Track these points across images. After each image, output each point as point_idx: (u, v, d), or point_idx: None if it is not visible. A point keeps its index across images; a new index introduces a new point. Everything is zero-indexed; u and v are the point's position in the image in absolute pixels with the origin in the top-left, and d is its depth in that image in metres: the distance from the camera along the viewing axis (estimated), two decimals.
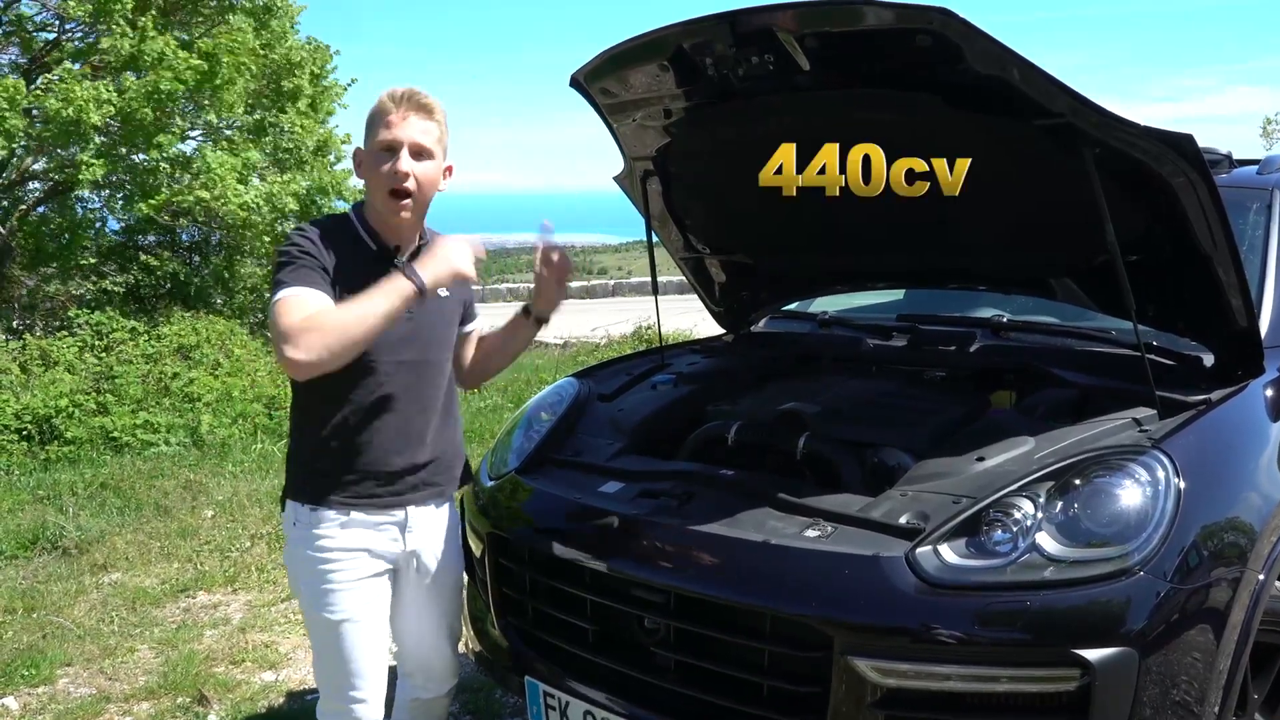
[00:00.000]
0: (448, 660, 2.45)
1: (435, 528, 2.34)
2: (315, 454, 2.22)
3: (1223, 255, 2.21)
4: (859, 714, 1.87)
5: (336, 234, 2.17)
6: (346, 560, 2.19)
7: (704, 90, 2.55)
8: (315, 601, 2.21)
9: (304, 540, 2.21)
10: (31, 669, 3.68)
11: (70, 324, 8.82)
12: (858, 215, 2.52)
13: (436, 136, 2.16)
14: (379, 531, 2.23)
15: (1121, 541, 1.85)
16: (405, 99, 2.13)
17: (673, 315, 5.06)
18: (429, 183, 2.16)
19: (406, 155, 2.11)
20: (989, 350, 2.82)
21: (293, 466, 2.30)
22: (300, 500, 2.22)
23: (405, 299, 2.02)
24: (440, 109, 2.18)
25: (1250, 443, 2.21)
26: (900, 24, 2.10)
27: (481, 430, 7.00)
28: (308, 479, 2.23)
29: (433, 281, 2.06)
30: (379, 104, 2.16)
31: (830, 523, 2.07)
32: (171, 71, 9.47)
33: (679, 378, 3.05)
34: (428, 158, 2.15)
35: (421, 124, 2.13)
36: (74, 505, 5.57)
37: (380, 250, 2.19)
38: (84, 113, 9.07)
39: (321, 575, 2.19)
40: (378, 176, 2.13)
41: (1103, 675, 1.75)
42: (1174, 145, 2.07)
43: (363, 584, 2.21)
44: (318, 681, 2.31)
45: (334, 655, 2.22)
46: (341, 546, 2.19)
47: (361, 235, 2.20)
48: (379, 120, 2.13)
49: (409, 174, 2.11)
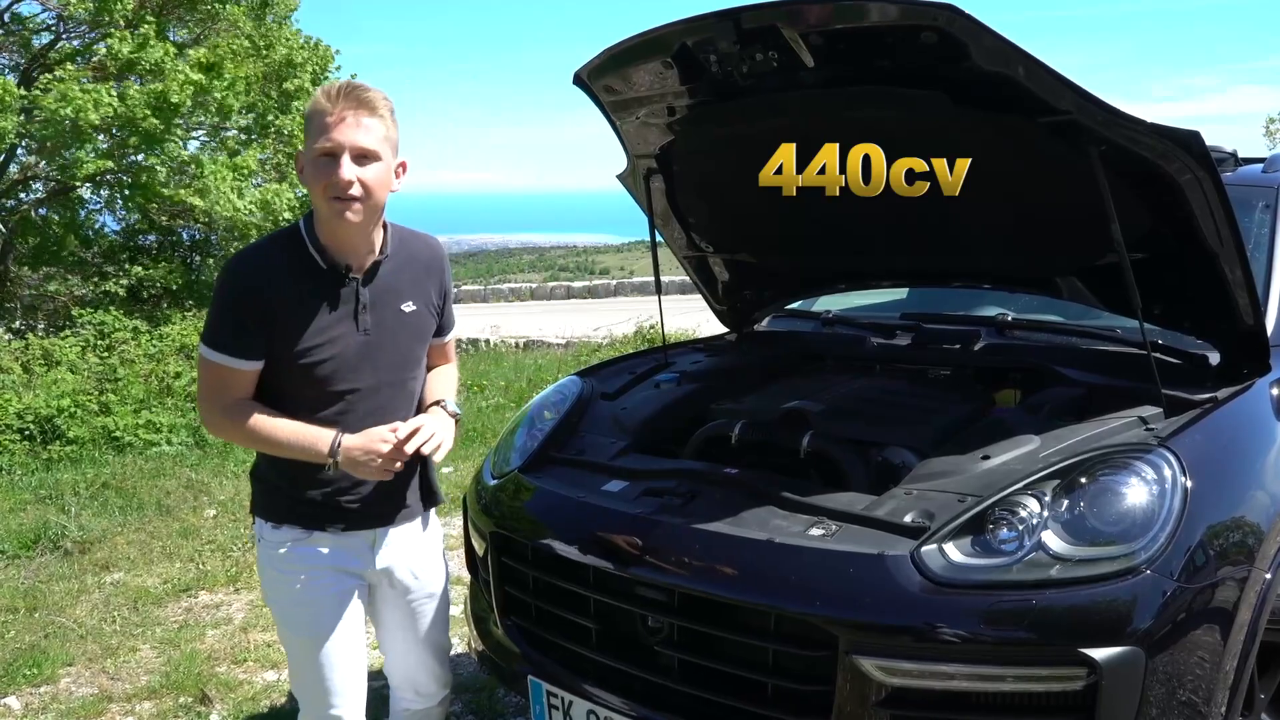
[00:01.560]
0: (434, 674, 2.40)
1: (408, 545, 2.26)
2: (274, 473, 2.14)
3: (1229, 253, 2.20)
4: (864, 713, 1.86)
5: (278, 258, 2.03)
6: (312, 577, 2.12)
7: (708, 88, 2.55)
8: (285, 619, 2.18)
9: (270, 557, 2.15)
10: (34, 668, 3.67)
11: (74, 323, 8.83)
12: (862, 214, 2.51)
13: (382, 134, 1.96)
14: (345, 550, 2.16)
15: (1128, 540, 1.84)
16: (342, 95, 1.92)
17: (675, 314, 5.05)
18: (378, 186, 1.96)
19: (348, 161, 1.92)
20: (994, 348, 2.81)
21: (255, 481, 2.22)
22: (263, 517, 2.16)
23: (314, 454, 1.99)
24: (385, 102, 1.97)
25: (1257, 441, 2.20)
26: (906, 21, 2.09)
27: (484, 429, 7.00)
28: (268, 496, 2.16)
29: (345, 463, 1.99)
30: (314, 103, 1.95)
31: (835, 521, 2.06)
32: (176, 83, 9.50)
33: (682, 376, 3.04)
34: (373, 160, 1.95)
35: (364, 122, 1.92)
36: (76, 505, 5.57)
37: (330, 269, 2.03)
38: (83, 113, 9.09)
39: (289, 593, 2.14)
40: (319, 185, 1.94)
41: (1109, 675, 1.75)
42: (1180, 142, 2.06)
43: (331, 600, 2.14)
44: (296, 695, 2.27)
45: (308, 671, 2.17)
46: (306, 564, 2.12)
47: (310, 252, 2.02)
48: (317, 123, 1.93)
49: (351, 181, 1.92)
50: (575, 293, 20.67)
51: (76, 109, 9.07)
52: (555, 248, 53.78)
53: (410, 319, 2.15)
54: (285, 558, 2.13)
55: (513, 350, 11.03)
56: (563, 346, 11.12)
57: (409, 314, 2.15)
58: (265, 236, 2.22)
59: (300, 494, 2.11)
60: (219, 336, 2.01)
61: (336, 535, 2.14)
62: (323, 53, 11.96)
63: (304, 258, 2.02)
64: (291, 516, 2.12)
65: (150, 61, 9.69)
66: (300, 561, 2.12)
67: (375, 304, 2.08)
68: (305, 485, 2.10)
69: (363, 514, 2.16)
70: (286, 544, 2.12)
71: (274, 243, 2.11)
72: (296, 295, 2.01)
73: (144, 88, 9.69)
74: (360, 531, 2.17)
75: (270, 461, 2.14)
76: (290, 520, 2.12)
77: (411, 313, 2.15)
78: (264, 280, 2.00)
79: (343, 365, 2.05)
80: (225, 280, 2.04)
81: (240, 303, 1.99)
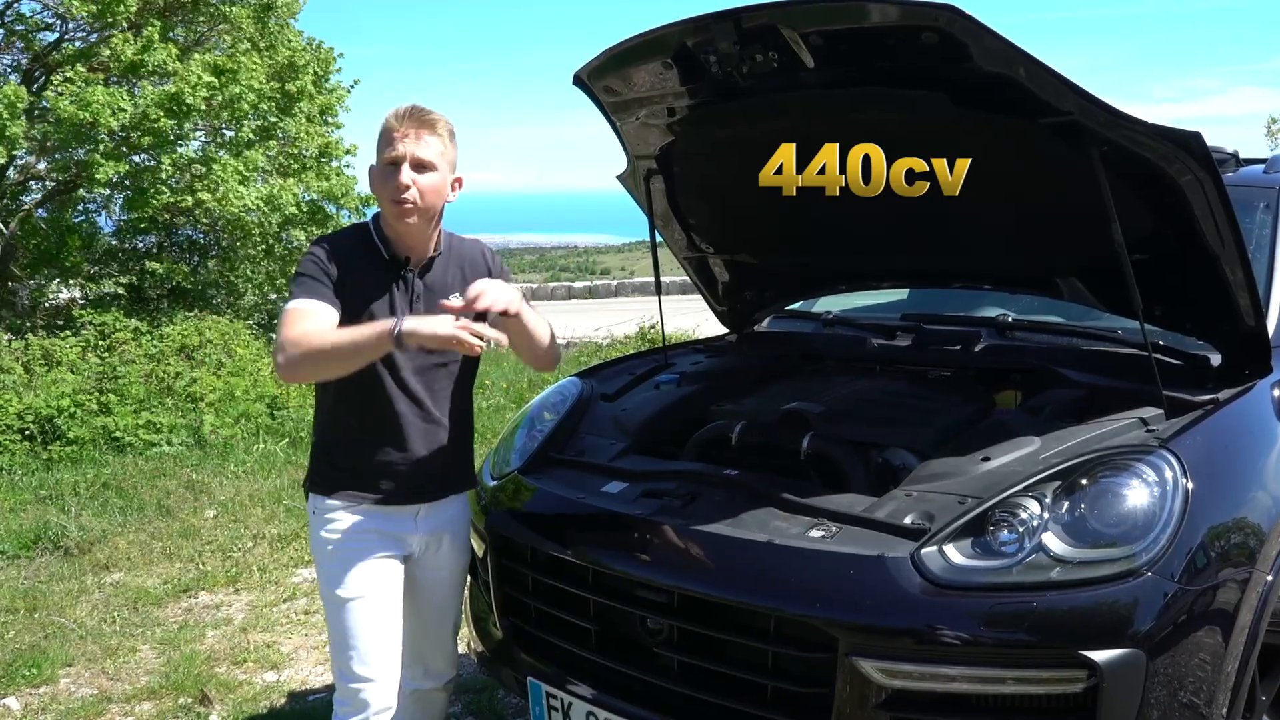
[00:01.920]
0: (447, 650, 2.54)
1: (447, 520, 2.44)
2: (330, 449, 2.37)
3: (1230, 254, 2.19)
4: (863, 715, 1.86)
5: (352, 243, 2.33)
6: (358, 540, 2.30)
7: (708, 88, 2.54)
8: (328, 579, 2.31)
9: (320, 525, 2.33)
10: (33, 669, 3.67)
11: (74, 323, 8.83)
12: (862, 214, 2.51)
13: (439, 150, 2.25)
14: (392, 519, 2.34)
15: (1128, 542, 1.84)
16: (408, 116, 2.23)
17: (676, 315, 5.05)
18: (432, 192, 2.24)
19: (407, 169, 2.22)
20: (994, 350, 2.80)
21: (313, 459, 2.43)
22: (317, 491, 2.36)
23: (379, 336, 2.10)
24: (445, 124, 2.27)
25: (1258, 443, 2.19)
26: (907, 21, 2.09)
27: (484, 430, 6.99)
28: (323, 472, 2.37)
29: (409, 333, 2.08)
30: (385, 123, 2.28)
31: (835, 523, 2.06)
32: (189, 84, 9.52)
33: (682, 377, 3.04)
34: (430, 170, 2.24)
35: (424, 139, 2.23)
36: (76, 505, 5.57)
37: (391, 259, 2.31)
38: (100, 116, 9.12)
39: (334, 555, 2.30)
40: (384, 190, 2.25)
41: (1110, 677, 1.74)
42: (1181, 143, 2.06)
43: (374, 563, 2.30)
44: (333, 667, 2.35)
45: (345, 634, 2.28)
46: (353, 529, 2.30)
47: (376, 243, 2.32)
48: (385, 138, 2.25)
49: (409, 185, 2.21)
50: (576, 293, 20.67)
51: (95, 113, 9.09)
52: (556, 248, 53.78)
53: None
54: (336, 524, 2.31)
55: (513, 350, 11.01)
56: (563, 347, 11.11)
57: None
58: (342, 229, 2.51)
59: (353, 467, 2.32)
60: (309, 286, 2.24)
61: (384, 507, 2.32)
62: (324, 55, 11.98)
63: (372, 247, 2.32)
64: (343, 488, 2.32)
65: (154, 63, 9.70)
66: (347, 526, 2.31)
67: (427, 293, 2.33)
68: (358, 459, 2.32)
69: (409, 489, 2.34)
70: (338, 511, 2.31)
71: (349, 231, 2.42)
72: (364, 273, 2.29)
73: (158, 89, 9.72)
74: (406, 506, 2.35)
75: (331, 438, 2.37)
76: (341, 491, 2.32)
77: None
78: (343, 255, 2.29)
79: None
80: (312, 252, 2.31)
81: (326, 266, 2.27)
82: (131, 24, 10.21)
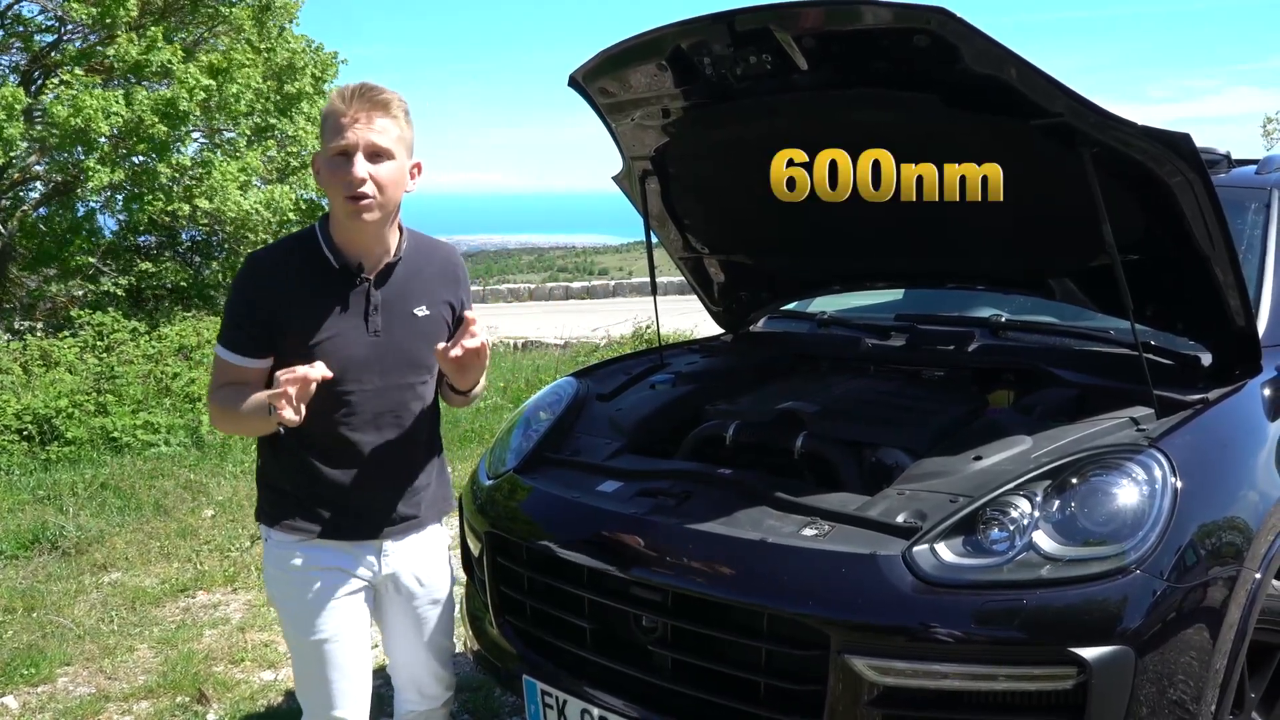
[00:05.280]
0: (438, 676, 2.39)
1: (414, 553, 2.25)
2: (279, 478, 2.15)
3: (1220, 255, 2.21)
4: (856, 712, 1.87)
5: (290, 258, 2.07)
6: (317, 580, 2.12)
7: (702, 90, 2.56)
8: (291, 622, 2.17)
9: (275, 560, 2.16)
10: (31, 668, 3.68)
11: (72, 323, 8.83)
12: (856, 216, 2.52)
13: (396, 135, 1.98)
14: (351, 555, 2.16)
15: (1118, 540, 1.85)
16: (357, 96, 1.95)
17: (672, 315, 5.06)
18: (391, 184, 1.98)
19: (361, 159, 1.94)
20: (987, 350, 2.82)
21: (260, 487, 2.22)
22: (268, 523, 2.16)
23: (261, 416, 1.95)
24: (399, 102, 2.00)
25: (1248, 442, 2.21)
26: (898, 24, 2.10)
27: (481, 430, 7.01)
28: (273, 502, 2.16)
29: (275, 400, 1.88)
30: (329, 104, 1.99)
31: (828, 521, 2.07)
32: (185, 89, 9.52)
33: (677, 377, 3.05)
34: (386, 158, 1.97)
35: (377, 122, 1.95)
36: (74, 505, 5.57)
37: (342, 268, 2.05)
38: (93, 121, 9.11)
39: (295, 596, 2.14)
40: (334, 184, 1.96)
41: (1099, 674, 1.76)
42: (1171, 145, 2.07)
43: (337, 603, 2.14)
44: (300, 698, 2.26)
45: (313, 674, 2.16)
46: (312, 565, 2.12)
47: (323, 253, 2.05)
48: (332, 124, 1.96)
49: (364, 179, 1.94)
50: (574, 293, 20.67)
51: (86, 118, 9.09)
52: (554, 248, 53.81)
53: (422, 323, 2.14)
54: (291, 562, 2.13)
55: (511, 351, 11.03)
56: (561, 347, 11.11)
57: (421, 318, 2.14)
58: (284, 237, 2.23)
59: (306, 500, 2.11)
60: (229, 333, 2.06)
61: (342, 542, 2.14)
62: (325, 58, 11.98)
63: (318, 257, 2.05)
64: (298, 522, 2.12)
65: (157, 64, 9.70)
66: (306, 565, 2.12)
67: (386, 306, 2.09)
68: (312, 492, 2.11)
69: (369, 523, 2.15)
70: (293, 549, 2.12)
71: (290, 242, 2.15)
72: (308, 294, 2.03)
73: (152, 94, 9.71)
74: (365, 543, 2.17)
75: (277, 468, 2.15)
76: (296, 526, 2.12)
77: (424, 317, 2.14)
78: (277, 279, 2.03)
79: (350, 365, 2.04)
80: (240, 278, 2.07)
81: (251, 301, 2.03)
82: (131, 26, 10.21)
